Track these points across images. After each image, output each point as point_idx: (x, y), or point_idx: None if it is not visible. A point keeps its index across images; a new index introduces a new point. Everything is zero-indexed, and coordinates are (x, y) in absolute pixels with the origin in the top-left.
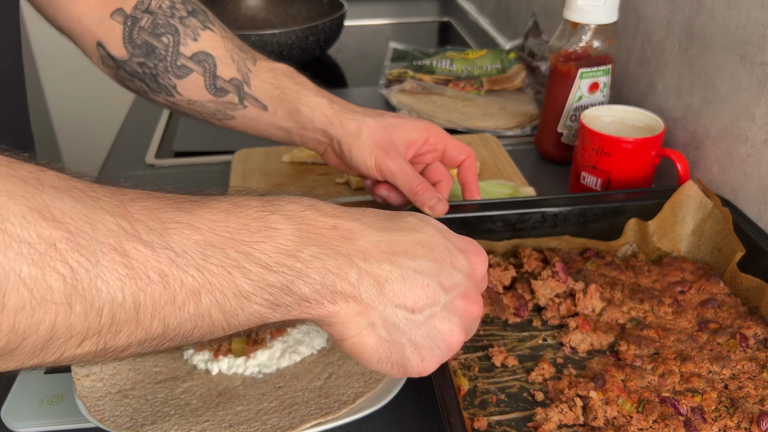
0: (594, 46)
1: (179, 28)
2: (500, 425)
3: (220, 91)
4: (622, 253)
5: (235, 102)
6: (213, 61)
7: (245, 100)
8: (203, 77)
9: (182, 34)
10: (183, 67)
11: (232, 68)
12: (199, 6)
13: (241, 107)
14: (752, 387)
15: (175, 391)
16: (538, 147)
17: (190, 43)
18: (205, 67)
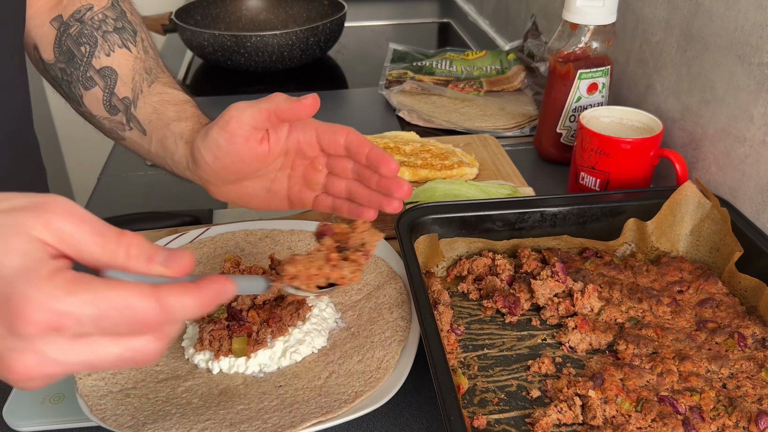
0: (593, 47)
1: (99, 41)
2: (499, 424)
3: (113, 109)
4: (621, 253)
5: (123, 122)
6: (115, 78)
7: (131, 122)
8: (103, 92)
9: (99, 46)
10: (90, 79)
11: (128, 87)
12: (131, 26)
13: (128, 128)
14: (750, 386)
15: (177, 390)
16: (537, 147)
17: (102, 57)
18: (106, 82)
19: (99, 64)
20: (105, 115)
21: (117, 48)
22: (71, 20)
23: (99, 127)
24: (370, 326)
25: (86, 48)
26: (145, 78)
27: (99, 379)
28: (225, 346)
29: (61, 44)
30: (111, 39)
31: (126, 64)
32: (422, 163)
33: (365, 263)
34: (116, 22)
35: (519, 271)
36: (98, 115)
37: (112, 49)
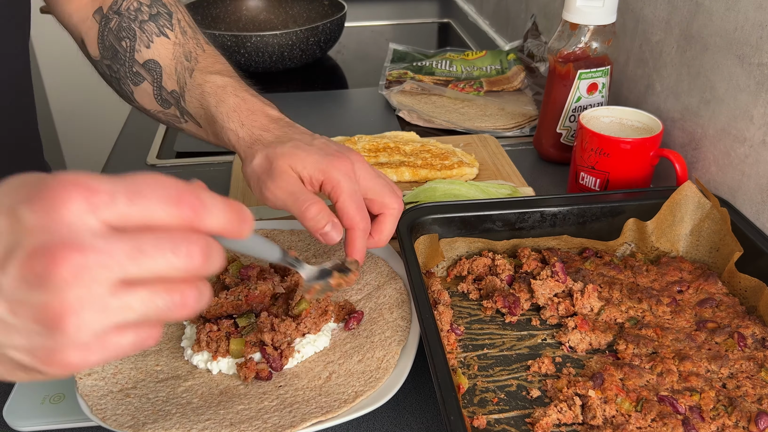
0: (593, 47)
1: (137, 33)
2: (499, 423)
3: (165, 103)
4: (621, 253)
5: (177, 115)
6: (160, 71)
7: (184, 115)
8: (152, 86)
9: (138, 39)
10: (137, 74)
11: (173, 79)
12: (166, 9)
13: (184, 121)
14: (750, 386)
15: (177, 390)
16: (537, 147)
17: (143, 50)
18: (153, 76)
19: (142, 57)
20: (159, 109)
21: (155, 37)
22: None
23: (156, 119)
24: (370, 326)
25: (127, 42)
26: (187, 67)
27: (99, 379)
28: (222, 347)
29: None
30: (148, 29)
31: (167, 55)
32: (422, 163)
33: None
34: (151, 9)
35: (519, 271)
36: (152, 110)
37: (151, 39)
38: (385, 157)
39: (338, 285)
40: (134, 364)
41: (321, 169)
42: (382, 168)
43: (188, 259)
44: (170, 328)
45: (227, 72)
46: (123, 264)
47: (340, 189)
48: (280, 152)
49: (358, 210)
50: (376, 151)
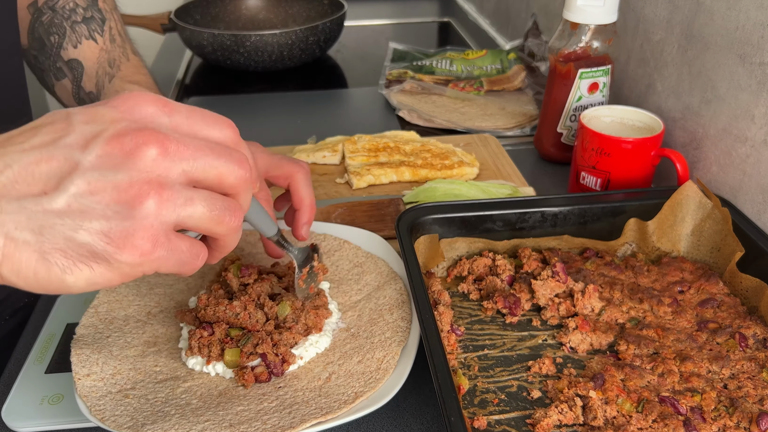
0: (593, 47)
1: (67, 31)
2: (500, 424)
3: (82, 102)
4: (622, 253)
5: None
6: (81, 71)
7: None
8: (72, 84)
9: (67, 37)
10: (59, 70)
11: (92, 81)
12: (100, 14)
13: None
14: (751, 387)
15: (176, 391)
16: (537, 147)
17: (69, 49)
18: (74, 74)
19: (67, 55)
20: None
21: (84, 39)
22: (44, 7)
23: None
24: (370, 327)
25: (55, 38)
26: (107, 72)
27: (98, 380)
28: (215, 351)
29: (33, 31)
30: (79, 30)
31: (91, 57)
32: (422, 163)
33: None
34: (86, 12)
35: (519, 272)
36: (70, 106)
37: (79, 40)
38: (385, 156)
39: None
40: (133, 364)
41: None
42: (382, 168)
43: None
44: (169, 328)
45: (146, 83)
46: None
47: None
48: None
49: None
50: (376, 150)
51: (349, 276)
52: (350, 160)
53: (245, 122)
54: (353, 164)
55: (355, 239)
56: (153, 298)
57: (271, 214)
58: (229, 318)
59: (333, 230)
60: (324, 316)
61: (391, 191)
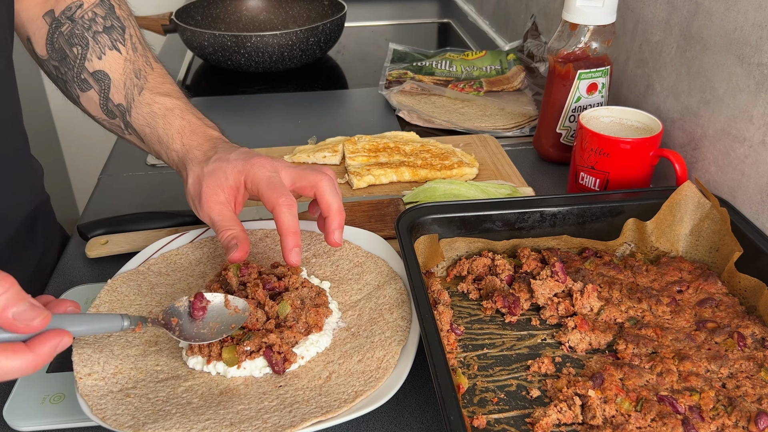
0: (592, 47)
1: (90, 42)
2: (499, 423)
3: (110, 113)
4: (621, 253)
5: (122, 127)
6: (108, 83)
7: (128, 128)
8: (99, 96)
9: (91, 48)
10: (85, 81)
11: (121, 93)
12: (119, 23)
13: (128, 133)
14: (750, 386)
15: (177, 390)
16: (536, 147)
17: (94, 60)
18: (101, 86)
19: (92, 67)
20: (104, 118)
21: (108, 50)
22: (62, 17)
23: (100, 124)
24: (370, 326)
25: (78, 49)
26: (136, 84)
27: (99, 379)
28: (215, 350)
29: (53, 42)
30: (101, 41)
31: (117, 69)
32: (422, 163)
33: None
34: (105, 21)
35: (519, 271)
36: (97, 116)
37: (103, 51)
38: (385, 157)
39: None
40: (134, 363)
41: (240, 171)
42: (382, 168)
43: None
44: None
45: (175, 94)
46: None
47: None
48: (207, 171)
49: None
50: (376, 151)
51: (349, 276)
52: (350, 161)
53: (246, 123)
54: (353, 164)
55: (355, 239)
56: (154, 298)
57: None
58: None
59: None
60: (324, 315)
61: (391, 191)
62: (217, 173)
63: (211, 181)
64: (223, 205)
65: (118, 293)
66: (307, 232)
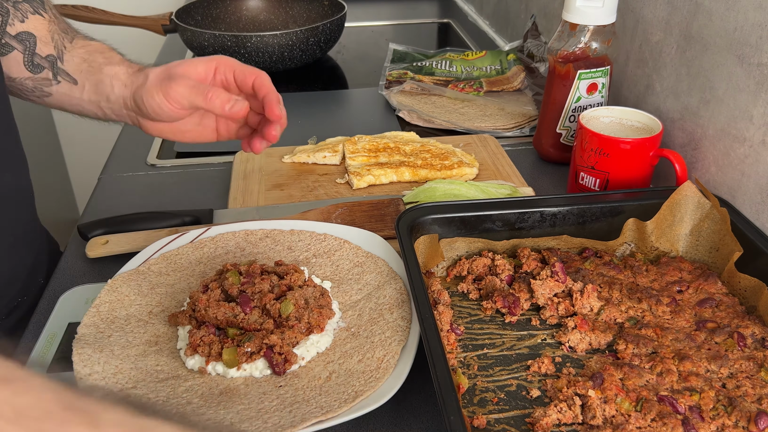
0: (592, 48)
1: (10, 10)
2: (499, 423)
3: (37, 68)
4: (621, 253)
5: (49, 78)
6: (34, 40)
7: (59, 75)
8: (23, 54)
9: (12, 15)
10: (6, 45)
11: (49, 46)
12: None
13: (55, 83)
14: (750, 386)
15: (177, 390)
16: (536, 147)
17: (16, 24)
18: (25, 45)
19: (14, 30)
20: (27, 75)
21: (30, 14)
22: None
23: (19, 90)
24: (370, 326)
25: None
26: (64, 36)
27: (99, 379)
28: (215, 350)
29: None
30: (22, 8)
31: (42, 27)
32: (422, 163)
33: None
34: None
35: (519, 271)
36: (19, 77)
37: (26, 16)
38: (385, 157)
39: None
40: (134, 363)
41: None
42: (382, 168)
43: None
44: (171, 328)
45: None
46: None
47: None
48: (175, 64)
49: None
50: (376, 151)
51: (349, 276)
52: (350, 161)
53: None
54: (353, 164)
55: (355, 239)
56: (154, 298)
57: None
58: (228, 318)
59: (333, 230)
60: (327, 316)
61: (391, 191)
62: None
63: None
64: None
65: (119, 293)
66: (308, 232)
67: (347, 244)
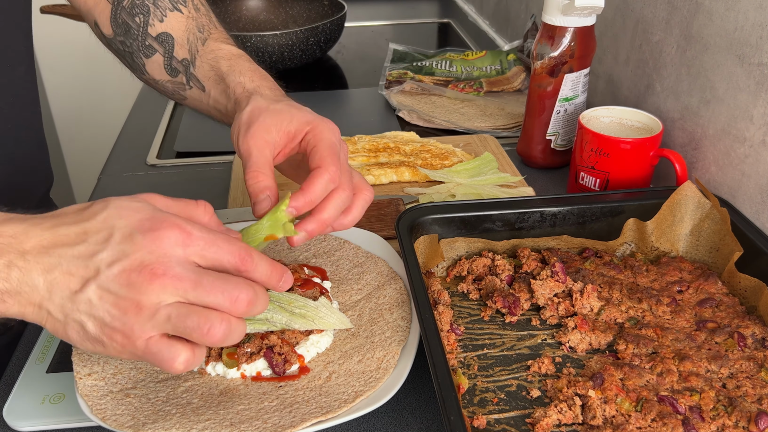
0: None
1: (150, 9)
2: (499, 423)
3: (174, 71)
4: (621, 253)
5: (183, 83)
6: (172, 42)
7: (191, 81)
8: (163, 57)
9: (152, 14)
10: (149, 47)
11: (185, 48)
12: None
13: (188, 87)
14: (750, 386)
15: (177, 390)
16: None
17: (156, 24)
18: (165, 47)
19: (155, 31)
20: (167, 78)
21: (169, 12)
22: None
23: (163, 91)
24: (370, 326)
25: (140, 18)
26: (199, 37)
27: (99, 379)
28: (215, 350)
29: (116, 18)
30: (162, 4)
31: (179, 27)
32: (422, 163)
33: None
34: None
35: (519, 271)
36: (161, 80)
37: (164, 14)
38: (385, 157)
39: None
40: (134, 364)
41: (308, 122)
42: (382, 168)
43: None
44: None
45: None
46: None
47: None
48: (273, 108)
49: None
50: (376, 151)
51: (349, 276)
52: (350, 161)
53: None
54: (353, 164)
55: (355, 239)
56: None
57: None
58: None
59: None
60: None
61: (391, 191)
62: (283, 113)
63: (271, 117)
64: (269, 145)
65: None
66: None
67: (347, 244)
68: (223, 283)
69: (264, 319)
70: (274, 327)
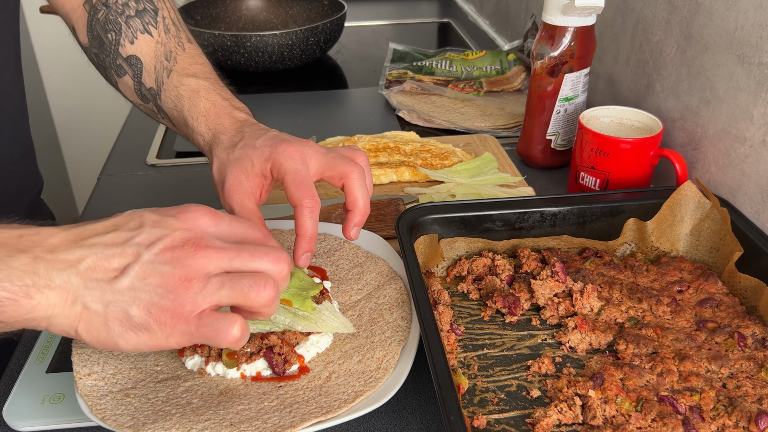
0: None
1: (123, 27)
2: (499, 423)
3: (144, 98)
4: (621, 253)
5: (155, 111)
6: (140, 67)
7: (160, 112)
8: (133, 81)
9: (123, 34)
10: (120, 67)
11: (151, 77)
12: (152, 5)
13: (161, 117)
14: (750, 386)
15: (177, 390)
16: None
17: (127, 45)
18: (134, 71)
19: (125, 52)
20: (139, 102)
21: (139, 34)
22: (98, 4)
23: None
24: (370, 326)
25: (112, 35)
26: (165, 67)
27: (99, 379)
28: (214, 350)
29: (92, 29)
30: (133, 25)
31: (148, 52)
32: (422, 163)
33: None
34: (138, 4)
35: (519, 271)
36: (134, 101)
37: (135, 35)
38: (385, 157)
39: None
40: (134, 364)
41: (267, 159)
42: (381, 168)
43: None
44: None
45: (203, 74)
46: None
47: (284, 170)
48: (233, 159)
49: (298, 188)
50: (376, 151)
51: (349, 276)
52: None
53: None
54: None
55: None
56: None
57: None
58: None
59: (333, 230)
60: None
61: (391, 191)
62: (243, 161)
63: (236, 169)
64: (246, 195)
65: None
66: None
67: (347, 244)
68: (263, 248)
69: (267, 319)
70: (277, 328)
